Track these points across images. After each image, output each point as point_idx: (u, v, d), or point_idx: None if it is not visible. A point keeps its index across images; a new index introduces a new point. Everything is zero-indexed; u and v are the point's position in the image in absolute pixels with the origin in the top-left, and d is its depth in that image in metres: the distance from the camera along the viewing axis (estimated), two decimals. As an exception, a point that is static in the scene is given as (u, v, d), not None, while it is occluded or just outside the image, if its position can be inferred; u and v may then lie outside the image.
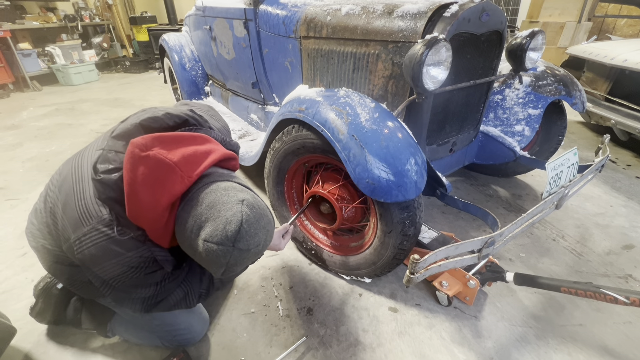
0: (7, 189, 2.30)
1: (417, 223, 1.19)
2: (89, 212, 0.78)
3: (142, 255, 0.79)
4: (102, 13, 6.46)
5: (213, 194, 0.72)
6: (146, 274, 0.82)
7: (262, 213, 0.75)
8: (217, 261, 0.70)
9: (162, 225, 0.75)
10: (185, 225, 0.72)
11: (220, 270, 0.72)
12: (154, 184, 0.71)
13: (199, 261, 0.75)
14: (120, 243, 0.76)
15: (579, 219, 1.87)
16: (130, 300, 0.87)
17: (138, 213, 0.74)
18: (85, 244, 0.76)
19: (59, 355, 1.20)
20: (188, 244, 0.73)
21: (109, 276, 0.79)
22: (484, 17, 1.24)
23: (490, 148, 1.74)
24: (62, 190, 0.85)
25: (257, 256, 0.78)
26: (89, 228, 0.76)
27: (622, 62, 2.38)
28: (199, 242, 0.70)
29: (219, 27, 2.17)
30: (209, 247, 0.68)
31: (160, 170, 0.71)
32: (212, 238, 0.68)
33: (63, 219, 0.82)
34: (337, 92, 1.25)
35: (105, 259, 0.76)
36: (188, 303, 0.96)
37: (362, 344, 1.21)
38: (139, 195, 0.72)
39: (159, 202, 0.71)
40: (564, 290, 1.15)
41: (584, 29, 4.51)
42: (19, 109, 4.17)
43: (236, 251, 0.69)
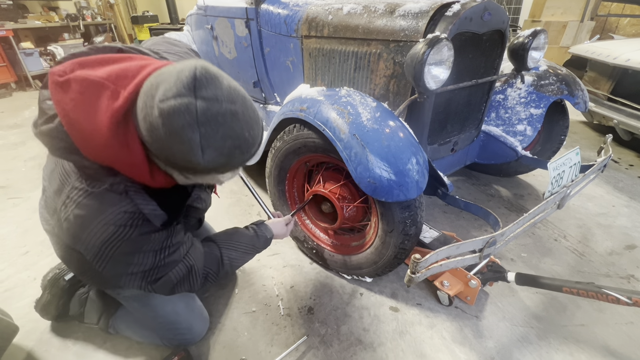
0: (9, 188, 2.30)
1: (418, 222, 1.19)
2: (66, 171, 0.72)
3: (126, 209, 0.69)
4: (104, 12, 6.46)
5: (162, 69, 0.61)
6: (139, 234, 0.72)
7: (225, 74, 0.63)
8: (183, 121, 0.55)
9: (121, 147, 0.62)
10: (138, 111, 0.60)
11: (195, 139, 0.57)
12: (86, 105, 0.61)
13: (170, 148, 0.58)
14: (100, 197, 0.68)
15: (581, 219, 1.86)
16: (130, 276, 0.77)
17: (89, 146, 0.64)
18: (68, 206, 0.70)
19: (61, 353, 1.20)
20: (149, 128, 0.58)
21: (100, 241, 0.69)
22: (486, 16, 1.24)
23: (492, 148, 1.73)
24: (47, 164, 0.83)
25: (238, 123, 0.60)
26: (69, 188, 0.70)
27: (625, 61, 2.37)
28: (155, 112, 0.56)
29: (221, 26, 2.17)
30: (166, 107, 0.55)
31: (88, 90, 0.61)
32: (167, 94, 0.55)
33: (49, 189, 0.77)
34: (338, 91, 1.25)
35: (90, 220, 0.68)
36: (192, 282, 0.86)
37: (363, 344, 1.21)
38: (78, 125, 0.62)
39: (100, 123, 0.60)
40: (565, 290, 1.15)
41: (587, 28, 4.50)
42: (22, 108, 4.18)
43: (200, 101, 0.56)
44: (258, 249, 1.10)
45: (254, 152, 0.68)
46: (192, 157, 0.59)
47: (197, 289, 0.92)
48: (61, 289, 1.23)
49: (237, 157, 0.64)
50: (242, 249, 1.04)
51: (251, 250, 1.07)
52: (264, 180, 2.14)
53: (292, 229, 1.57)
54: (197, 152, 0.58)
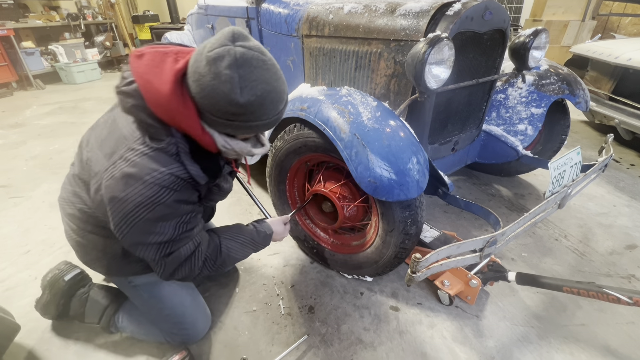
0: (10, 187, 2.31)
1: (418, 222, 1.19)
2: (124, 135, 0.82)
3: (174, 172, 0.79)
4: (105, 12, 6.47)
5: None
6: (173, 200, 0.81)
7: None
8: (224, 63, 0.69)
9: (179, 101, 0.76)
10: (189, 68, 0.75)
11: (235, 78, 0.70)
12: (154, 69, 0.77)
13: (214, 92, 0.72)
14: (154, 159, 0.78)
15: (582, 218, 1.86)
16: (147, 246, 0.84)
17: (155, 98, 0.76)
18: (119, 165, 0.78)
19: (62, 352, 1.21)
20: (197, 78, 0.72)
21: (137, 201, 0.77)
22: (487, 15, 1.24)
23: (493, 147, 1.73)
24: (94, 130, 0.92)
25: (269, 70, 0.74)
26: (125, 149, 0.80)
27: (626, 60, 2.36)
28: (202, 62, 0.71)
29: (222, 25, 2.17)
30: (211, 55, 0.70)
31: (156, 58, 0.79)
32: (212, 47, 0.71)
33: (98, 155, 0.85)
34: (339, 90, 1.25)
35: (138, 178, 0.77)
36: (193, 264, 0.92)
37: (364, 343, 1.21)
38: (148, 83, 0.77)
39: (165, 80, 0.75)
40: (566, 290, 1.14)
41: (588, 28, 4.48)
42: (23, 108, 4.19)
43: (238, 47, 0.70)
44: (257, 243, 1.11)
45: (283, 108, 0.82)
46: (233, 96, 0.71)
47: (195, 275, 0.95)
48: (61, 290, 1.24)
49: (269, 104, 0.76)
50: (241, 240, 1.06)
51: (249, 243, 1.08)
52: (264, 180, 2.15)
53: (292, 228, 1.58)
54: (237, 91, 0.71)
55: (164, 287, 1.12)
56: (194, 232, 0.91)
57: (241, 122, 0.77)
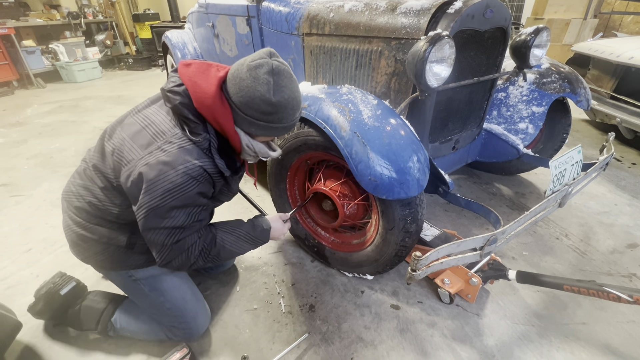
0: (11, 186, 2.32)
1: (419, 220, 1.19)
2: (162, 130, 0.92)
3: (204, 165, 0.90)
4: (105, 10, 6.47)
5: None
6: (196, 192, 0.90)
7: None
8: (263, 70, 0.84)
9: (219, 102, 0.89)
10: (230, 76, 0.89)
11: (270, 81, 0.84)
12: (201, 74, 0.91)
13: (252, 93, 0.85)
14: (189, 152, 0.89)
15: (583, 217, 1.86)
16: (159, 230, 0.91)
17: (201, 98, 0.89)
18: (155, 154, 0.88)
19: (64, 349, 1.21)
20: (237, 82, 0.87)
21: (166, 188, 0.86)
22: (488, 13, 1.23)
23: (494, 146, 1.73)
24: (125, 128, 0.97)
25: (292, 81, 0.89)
26: (162, 141, 0.90)
27: (628, 59, 2.35)
28: (243, 69, 0.86)
29: (222, 24, 2.17)
30: (251, 64, 0.85)
31: (202, 67, 0.94)
32: (253, 59, 0.86)
33: (132, 145, 0.92)
34: (339, 89, 1.25)
35: (171, 166, 0.86)
36: (190, 253, 0.97)
37: (364, 341, 1.21)
38: (196, 84, 0.90)
39: (211, 82, 0.89)
40: (566, 288, 1.14)
41: (590, 26, 4.47)
42: (23, 106, 4.19)
43: (275, 61, 0.86)
44: (253, 237, 1.12)
45: (298, 115, 0.96)
46: (268, 95, 0.85)
47: (190, 264, 1.00)
48: (57, 303, 1.22)
49: (291, 109, 0.90)
50: (237, 234, 1.09)
51: (245, 237, 1.10)
52: (265, 178, 2.15)
53: (293, 227, 1.58)
54: (271, 92, 0.85)
55: (165, 280, 1.13)
56: (201, 223, 0.99)
57: (266, 123, 0.90)
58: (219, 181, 0.99)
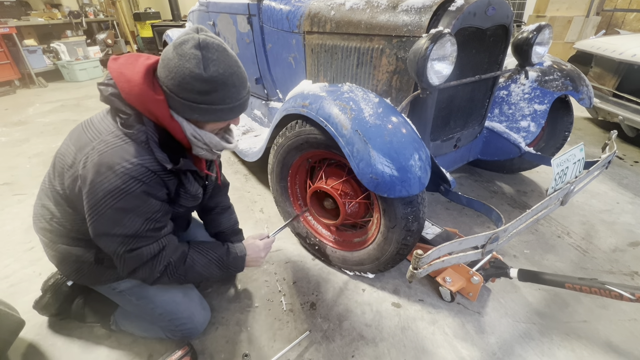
0: (14, 184, 2.32)
1: (420, 218, 1.19)
2: (98, 130, 0.88)
3: (144, 163, 0.83)
4: (106, 9, 6.47)
5: None
6: (142, 192, 0.84)
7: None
8: (189, 45, 0.79)
9: (149, 89, 0.83)
10: (159, 63, 0.85)
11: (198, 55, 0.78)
12: (129, 65, 0.87)
13: (181, 73, 0.80)
14: (125, 150, 0.83)
15: (585, 215, 1.85)
16: (112, 237, 0.86)
17: (129, 88, 0.84)
18: (91, 155, 0.83)
19: (66, 347, 1.22)
20: (166, 63, 0.82)
21: (107, 189, 0.81)
22: (490, 11, 1.23)
23: (495, 144, 1.73)
24: (72, 135, 0.96)
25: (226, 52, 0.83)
26: (97, 141, 0.85)
27: (630, 56, 2.34)
28: (170, 49, 0.82)
29: (223, 22, 2.17)
30: (177, 42, 0.80)
31: (132, 56, 0.90)
32: (179, 38, 0.81)
33: (72, 150, 0.90)
34: (340, 87, 1.25)
35: (108, 167, 0.81)
36: (153, 266, 0.92)
37: (365, 339, 1.22)
38: (123, 74, 0.85)
39: (138, 70, 0.84)
40: (568, 286, 1.14)
41: (592, 24, 4.44)
42: (25, 105, 4.20)
43: (201, 34, 0.80)
44: (225, 264, 1.08)
45: (246, 96, 0.89)
46: (197, 70, 0.79)
47: (154, 278, 0.94)
48: (63, 294, 1.24)
49: (232, 87, 0.84)
50: (209, 257, 1.05)
51: (217, 262, 1.06)
52: (266, 177, 2.15)
53: (294, 225, 1.58)
54: (200, 66, 0.79)
55: (150, 287, 1.08)
56: (161, 232, 0.93)
57: (207, 106, 0.84)
58: (170, 180, 0.91)
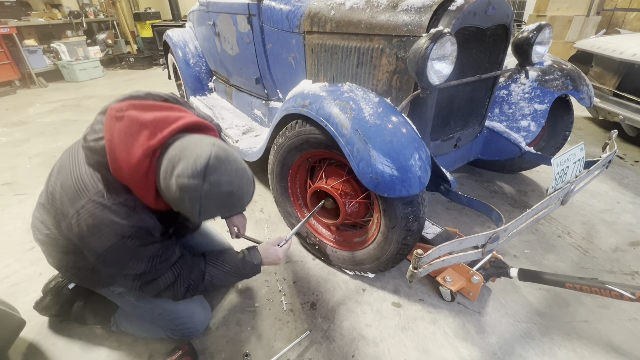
0: (14, 184, 2.33)
1: (420, 218, 1.18)
2: (85, 185, 0.84)
3: (134, 224, 0.83)
4: (107, 9, 6.47)
5: (187, 140, 0.80)
6: (138, 245, 0.85)
7: (235, 157, 0.81)
8: (190, 196, 0.75)
9: (141, 177, 0.80)
10: (161, 169, 0.78)
11: (196, 208, 0.77)
12: (128, 138, 0.79)
13: (177, 205, 0.79)
14: (113, 212, 0.82)
15: (585, 215, 1.85)
16: (123, 277, 0.89)
17: (119, 168, 0.80)
18: (82, 216, 0.82)
19: (67, 347, 1.22)
20: (165, 186, 0.78)
21: (104, 247, 0.82)
22: (490, 10, 1.23)
23: (496, 144, 1.72)
24: (60, 172, 0.91)
25: (233, 199, 0.80)
26: (85, 200, 0.82)
27: (631, 56, 2.34)
28: (172, 181, 0.75)
29: (223, 22, 2.17)
30: (181, 182, 0.74)
31: (134, 127, 0.80)
32: (184, 172, 0.74)
33: (62, 197, 0.86)
34: (340, 87, 1.25)
35: (100, 229, 0.81)
36: (175, 291, 0.96)
37: (365, 339, 1.22)
38: (117, 150, 0.79)
39: (134, 154, 0.78)
40: (568, 286, 1.14)
41: (593, 23, 4.43)
42: (26, 105, 4.21)
43: (207, 185, 0.75)
44: (243, 273, 1.10)
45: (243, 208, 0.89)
46: (190, 216, 0.81)
47: (180, 298, 1.00)
48: (64, 297, 1.25)
49: (224, 215, 0.89)
50: (226, 269, 1.07)
51: (234, 272, 1.08)
52: (266, 177, 2.15)
53: (294, 224, 1.58)
54: (195, 215, 0.79)
55: None
56: (170, 261, 0.95)
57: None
58: (159, 229, 0.91)
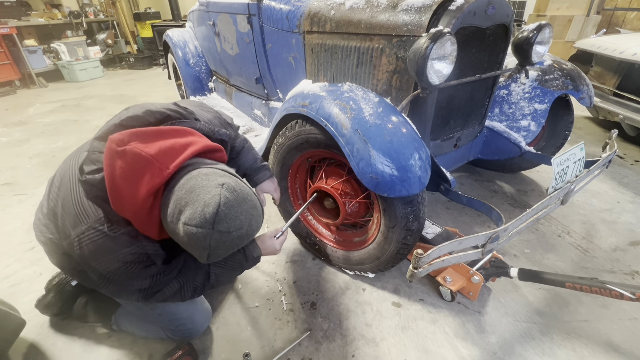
0: (15, 184, 2.33)
1: (420, 218, 1.18)
2: (86, 211, 0.81)
3: (135, 252, 0.82)
4: (107, 9, 6.47)
5: (194, 179, 0.74)
6: (141, 268, 0.85)
7: (244, 197, 0.76)
8: (198, 244, 0.72)
9: (145, 214, 0.77)
10: (167, 211, 0.75)
11: (204, 254, 0.74)
12: (131, 177, 0.74)
13: (183, 246, 0.76)
14: (115, 240, 0.80)
15: (585, 215, 1.85)
16: (127, 292, 0.91)
17: (121, 205, 0.77)
18: (83, 241, 0.80)
19: (67, 347, 1.22)
20: (171, 229, 0.75)
21: (107, 271, 0.83)
22: (490, 10, 1.23)
23: (496, 143, 1.72)
24: (61, 189, 0.88)
25: (242, 241, 0.78)
26: (86, 227, 0.80)
27: (631, 55, 2.34)
28: (179, 226, 0.72)
29: (223, 22, 2.17)
30: (189, 230, 0.71)
31: (137, 164, 0.74)
32: (191, 221, 0.70)
33: (63, 217, 0.85)
34: (340, 86, 1.25)
35: (102, 255, 0.80)
36: (183, 296, 0.98)
37: (366, 338, 1.22)
38: (119, 189, 0.75)
39: (138, 194, 0.74)
40: (568, 285, 1.14)
41: (593, 23, 4.43)
42: (26, 106, 4.21)
43: (216, 233, 0.72)
44: (245, 266, 1.09)
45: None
46: (198, 259, 0.77)
47: (187, 299, 1.01)
48: (67, 294, 1.26)
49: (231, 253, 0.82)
50: (229, 266, 1.06)
51: (238, 267, 1.08)
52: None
53: (294, 225, 1.58)
54: (203, 258, 0.76)
55: None
56: (173, 273, 0.94)
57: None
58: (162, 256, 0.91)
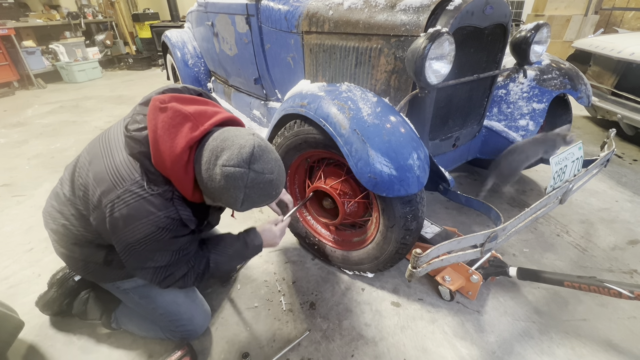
0: (13, 186, 2.32)
1: (419, 218, 1.19)
2: (122, 176, 0.85)
3: (169, 215, 0.85)
4: (105, 10, 6.47)
5: (226, 132, 0.83)
6: (170, 237, 0.87)
7: (271, 147, 0.86)
8: (236, 184, 0.78)
9: (182, 170, 0.82)
10: (203, 160, 0.81)
11: (240, 197, 0.80)
12: (171, 129, 0.81)
13: (219, 194, 0.81)
14: (151, 203, 0.83)
15: (584, 214, 1.85)
16: (145, 270, 0.92)
17: (161, 159, 0.82)
18: (118, 205, 0.82)
19: (66, 348, 1.22)
20: (208, 177, 0.80)
21: (135, 238, 0.83)
22: (488, 10, 1.23)
23: (494, 143, 1.73)
24: (92, 164, 0.91)
25: (272, 187, 0.84)
26: (122, 190, 0.83)
27: (629, 55, 2.35)
28: (217, 170, 0.78)
29: (221, 22, 2.17)
30: (227, 171, 0.77)
31: (177, 118, 0.82)
32: (229, 162, 0.77)
33: (95, 188, 0.87)
34: (339, 87, 1.25)
35: (136, 219, 0.82)
36: (186, 281, 0.99)
37: (365, 338, 1.22)
38: (160, 141, 0.81)
39: (177, 145, 0.80)
40: (567, 284, 1.15)
41: (591, 22, 4.45)
42: (24, 107, 4.20)
43: (252, 173, 0.79)
44: (246, 256, 1.11)
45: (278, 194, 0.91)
46: (232, 206, 0.85)
47: (188, 287, 1.04)
48: (69, 289, 1.26)
49: (262, 203, 0.88)
50: (229, 254, 1.08)
51: (238, 256, 1.09)
52: (265, 177, 2.15)
53: (293, 225, 1.58)
54: (237, 204, 0.83)
55: (153, 287, 1.11)
56: (189, 255, 0.98)
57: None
58: (194, 222, 0.94)
